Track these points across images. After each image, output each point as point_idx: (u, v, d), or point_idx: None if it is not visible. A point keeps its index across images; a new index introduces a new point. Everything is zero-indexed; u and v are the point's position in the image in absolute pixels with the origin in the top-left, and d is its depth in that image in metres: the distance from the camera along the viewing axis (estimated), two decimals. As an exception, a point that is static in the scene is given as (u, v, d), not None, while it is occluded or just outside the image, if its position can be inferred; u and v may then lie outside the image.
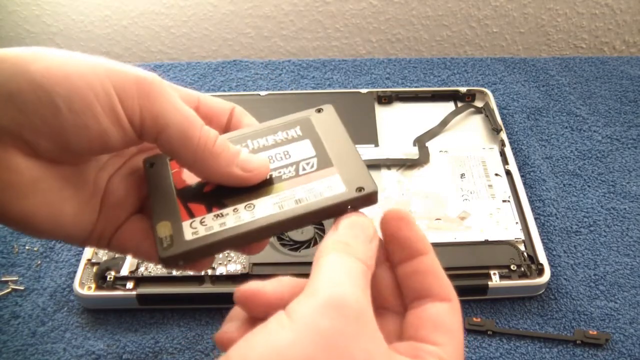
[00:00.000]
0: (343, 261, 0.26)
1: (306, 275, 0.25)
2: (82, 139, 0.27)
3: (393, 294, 0.30)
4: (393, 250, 0.30)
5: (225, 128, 0.34)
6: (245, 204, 0.30)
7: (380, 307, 0.30)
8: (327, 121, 0.34)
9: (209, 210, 0.30)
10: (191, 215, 0.30)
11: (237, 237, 0.29)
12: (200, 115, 0.32)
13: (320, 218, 0.30)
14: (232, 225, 0.29)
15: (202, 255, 0.30)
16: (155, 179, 0.32)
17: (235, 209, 0.30)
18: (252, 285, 0.28)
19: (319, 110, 0.35)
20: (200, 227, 0.30)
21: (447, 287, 0.29)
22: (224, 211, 0.30)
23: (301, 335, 0.23)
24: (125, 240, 0.32)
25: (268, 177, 0.31)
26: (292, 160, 0.32)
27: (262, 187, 0.31)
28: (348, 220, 0.29)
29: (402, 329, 0.29)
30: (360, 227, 0.29)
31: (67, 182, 0.29)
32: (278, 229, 0.30)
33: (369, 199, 0.30)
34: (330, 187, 0.30)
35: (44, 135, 0.27)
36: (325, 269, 0.26)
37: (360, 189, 0.30)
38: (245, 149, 0.31)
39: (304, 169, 0.31)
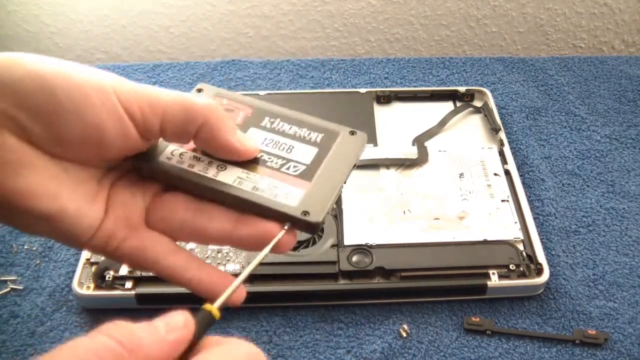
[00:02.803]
0: None
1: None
2: (77, 132, 0.28)
3: None
4: None
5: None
6: (220, 163, 0.33)
7: None
8: (348, 147, 0.35)
9: (194, 150, 0.33)
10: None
11: (191, 183, 0.32)
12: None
13: (262, 214, 0.31)
14: (195, 172, 0.32)
15: (160, 176, 0.33)
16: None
17: (211, 161, 0.33)
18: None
19: (353, 133, 0.36)
20: (176, 157, 0.33)
21: None
22: (203, 157, 0.33)
23: None
24: (144, 251, 0.31)
25: (258, 156, 0.33)
26: (288, 156, 0.34)
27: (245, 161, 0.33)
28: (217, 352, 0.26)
29: None
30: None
31: (64, 169, 0.29)
32: (223, 199, 0.32)
33: (309, 226, 0.31)
34: (287, 196, 0.31)
35: (39, 123, 0.27)
36: None
37: (305, 212, 0.31)
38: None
39: (287, 168, 0.33)
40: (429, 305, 0.52)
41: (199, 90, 0.36)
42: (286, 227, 0.30)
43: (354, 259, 0.53)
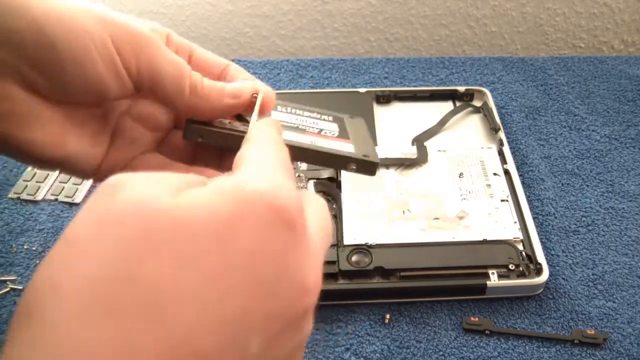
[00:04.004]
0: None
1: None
2: (78, 84, 0.28)
3: None
4: None
5: (217, 80, 0.35)
6: None
7: None
8: (356, 123, 0.41)
9: (240, 120, 0.35)
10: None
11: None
12: (192, 66, 0.33)
13: (324, 161, 0.36)
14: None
15: (217, 140, 0.33)
16: None
17: None
18: None
19: (352, 117, 0.42)
20: (227, 123, 0.34)
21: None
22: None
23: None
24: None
25: (295, 125, 0.37)
26: (318, 126, 0.38)
27: (288, 128, 0.36)
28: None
29: None
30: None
31: (69, 115, 0.30)
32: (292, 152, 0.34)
33: (370, 165, 0.36)
34: (342, 147, 0.36)
35: (42, 75, 0.28)
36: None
37: (365, 155, 0.36)
38: (228, 84, 0.33)
39: (326, 133, 0.37)
40: (428, 305, 0.52)
41: None
42: (351, 166, 0.36)
43: (354, 258, 0.53)
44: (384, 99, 0.71)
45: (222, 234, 0.20)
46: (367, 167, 0.36)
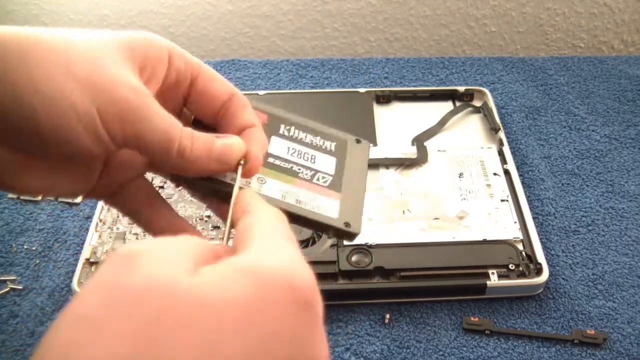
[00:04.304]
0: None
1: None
2: (61, 151, 0.28)
3: None
4: None
5: (216, 116, 0.34)
6: (259, 177, 0.34)
7: None
8: (358, 154, 0.38)
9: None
10: None
11: (229, 194, 0.31)
12: (193, 91, 0.33)
13: (305, 225, 0.34)
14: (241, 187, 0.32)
15: (201, 189, 0.34)
16: None
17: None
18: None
19: (358, 141, 0.39)
20: None
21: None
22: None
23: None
24: (126, 200, 0.34)
25: (289, 167, 0.35)
26: (313, 166, 0.36)
27: (280, 171, 0.34)
28: None
29: None
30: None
31: (58, 162, 0.30)
32: None
33: (349, 235, 0.34)
34: (326, 208, 0.34)
35: (25, 141, 0.28)
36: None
37: (347, 224, 0.34)
38: (218, 140, 0.32)
39: (317, 179, 0.35)
40: (428, 305, 0.52)
41: None
42: (329, 232, 0.34)
43: (354, 258, 0.53)
44: (384, 99, 0.71)
45: (241, 316, 0.20)
46: (347, 236, 0.35)
